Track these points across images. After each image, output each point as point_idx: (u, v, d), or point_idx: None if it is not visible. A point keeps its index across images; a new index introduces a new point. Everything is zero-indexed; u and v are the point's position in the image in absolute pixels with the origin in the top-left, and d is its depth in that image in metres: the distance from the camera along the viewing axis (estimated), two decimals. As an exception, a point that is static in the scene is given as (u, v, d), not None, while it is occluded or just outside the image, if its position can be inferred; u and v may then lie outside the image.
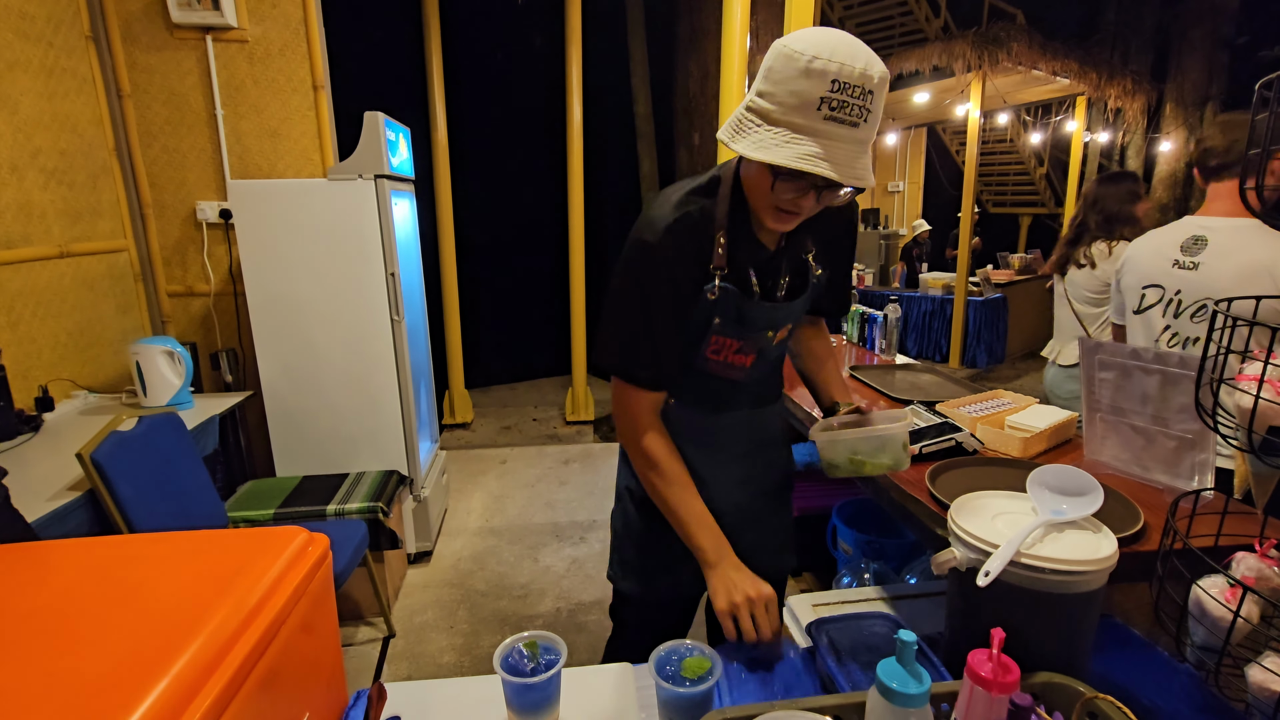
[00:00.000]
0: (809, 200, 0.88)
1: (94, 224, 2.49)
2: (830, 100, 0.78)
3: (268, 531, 0.78)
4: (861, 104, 0.80)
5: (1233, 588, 0.78)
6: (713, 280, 0.97)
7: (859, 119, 0.80)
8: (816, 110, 0.79)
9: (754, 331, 1.02)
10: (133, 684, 0.54)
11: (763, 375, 1.13)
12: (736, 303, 0.99)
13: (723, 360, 1.04)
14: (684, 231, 0.95)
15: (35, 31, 2.24)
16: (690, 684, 0.76)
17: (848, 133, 0.80)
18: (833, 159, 0.80)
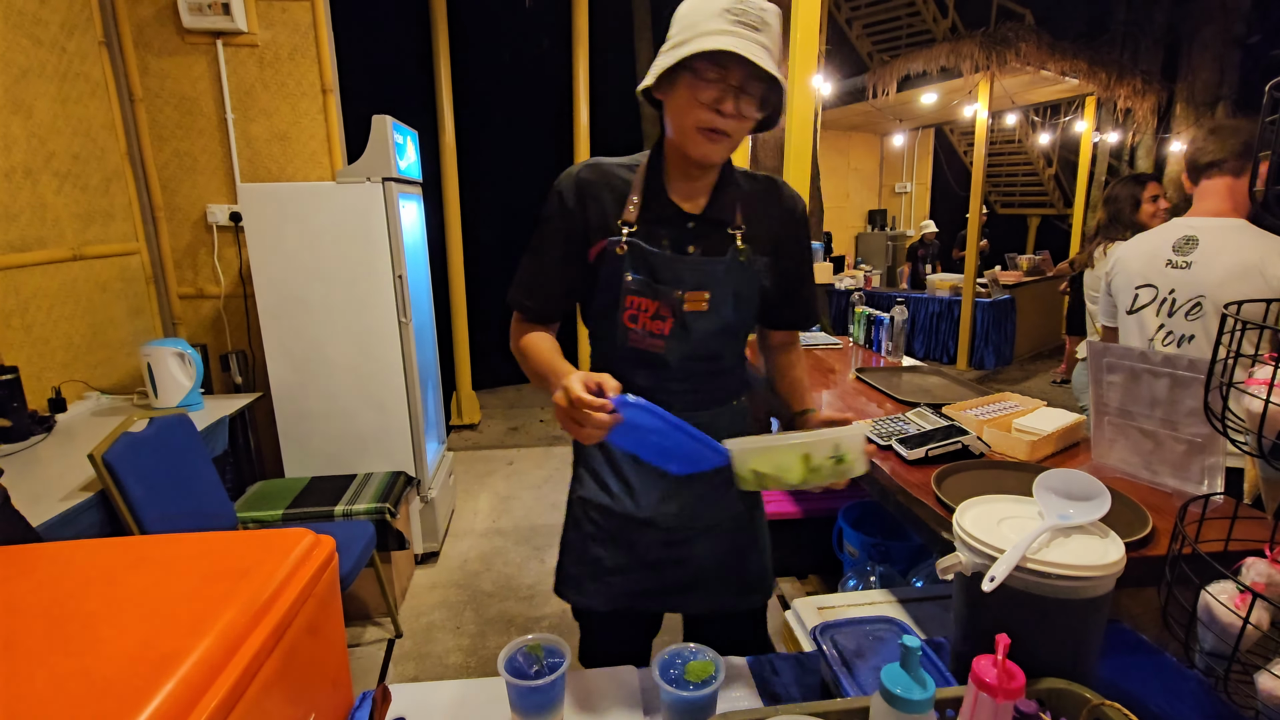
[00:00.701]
0: (729, 104, 0.89)
1: (106, 227, 2.52)
2: (731, 8, 0.87)
3: (274, 533, 0.79)
4: (760, 14, 0.88)
5: (1242, 594, 0.77)
6: (620, 235, 0.99)
7: (761, 27, 0.88)
8: (721, 16, 0.87)
9: (664, 287, 0.99)
10: (141, 684, 0.54)
11: (690, 359, 1.04)
12: (645, 256, 0.99)
13: (640, 329, 1.01)
14: (588, 183, 1.02)
15: (49, 37, 2.27)
16: (694, 688, 0.76)
17: (753, 35, 0.87)
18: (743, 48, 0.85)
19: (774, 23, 0.90)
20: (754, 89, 0.90)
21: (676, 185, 1.02)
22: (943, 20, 7.46)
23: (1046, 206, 10.17)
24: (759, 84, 0.90)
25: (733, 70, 0.88)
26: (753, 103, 0.92)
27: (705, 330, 1.02)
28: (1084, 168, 7.18)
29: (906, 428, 1.49)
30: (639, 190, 1.01)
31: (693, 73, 0.89)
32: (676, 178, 1.02)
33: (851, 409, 1.77)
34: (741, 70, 0.88)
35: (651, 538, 1.09)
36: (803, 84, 3.15)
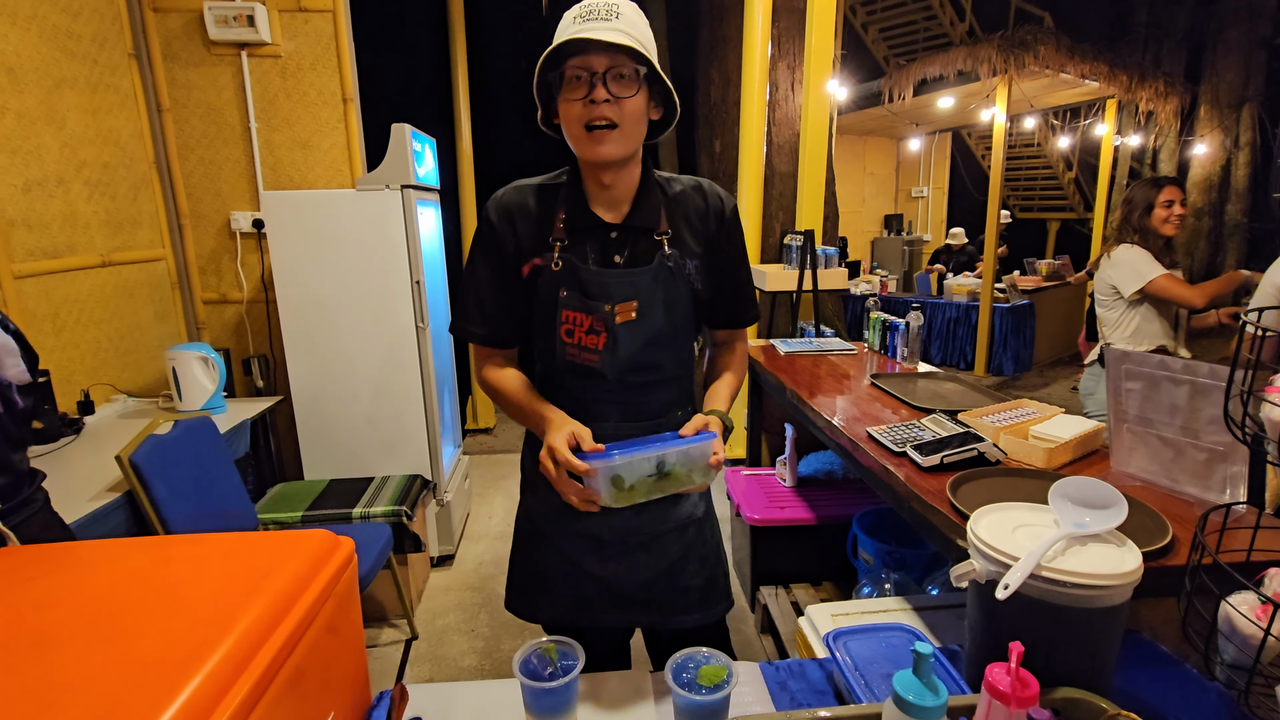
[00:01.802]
0: (599, 91, 0.91)
1: (134, 234, 2.58)
2: (580, 14, 0.93)
3: (296, 534, 0.81)
4: (608, 7, 0.92)
5: (1264, 605, 0.76)
6: (552, 252, 1.01)
7: (610, 16, 0.92)
8: (572, 24, 0.92)
9: (594, 301, 1.00)
10: (167, 681, 0.56)
11: (627, 372, 1.03)
12: (575, 271, 1.01)
13: (577, 343, 1.02)
14: (511, 203, 1.04)
15: (82, 50, 2.34)
16: (706, 691, 0.76)
17: (603, 24, 0.91)
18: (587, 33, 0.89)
19: (628, 13, 0.93)
20: (623, 71, 0.92)
21: (596, 197, 1.04)
22: (960, 24, 7.41)
23: (1067, 211, 10.03)
24: (627, 62, 0.92)
25: (593, 60, 0.91)
26: (625, 84, 0.93)
27: (637, 340, 1.02)
28: (1105, 171, 7.08)
29: (922, 434, 1.48)
30: (563, 206, 1.03)
31: (560, 78, 0.93)
32: (595, 190, 1.03)
33: (866, 415, 1.76)
34: (603, 58, 0.91)
35: (586, 547, 1.09)
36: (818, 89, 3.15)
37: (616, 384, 1.04)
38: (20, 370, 1.12)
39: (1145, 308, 2.34)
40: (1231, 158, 7.74)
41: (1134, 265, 2.30)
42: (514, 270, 1.04)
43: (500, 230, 1.04)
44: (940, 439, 1.41)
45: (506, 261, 1.04)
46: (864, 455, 1.51)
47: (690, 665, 0.81)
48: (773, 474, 2.50)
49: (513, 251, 1.04)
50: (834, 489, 2.35)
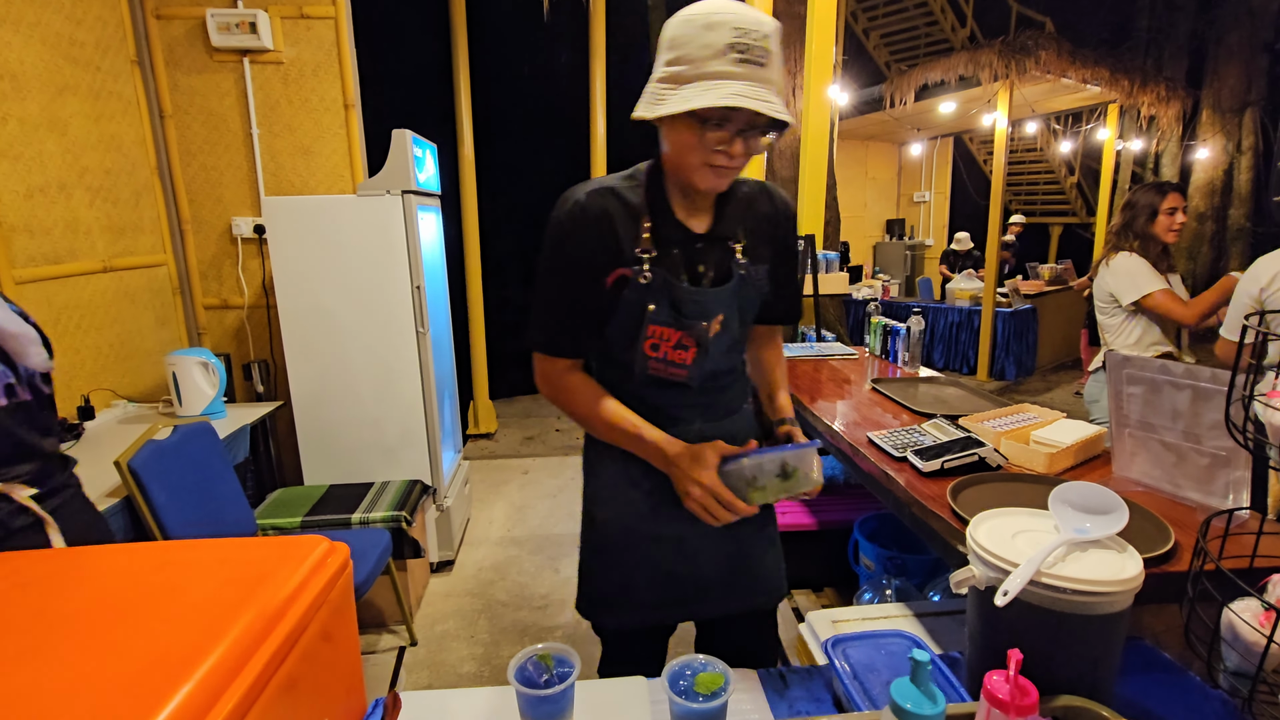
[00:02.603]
0: (738, 146, 0.89)
1: (135, 239, 2.59)
2: (737, 45, 0.84)
3: (290, 540, 0.80)
4: (763, 46, 0.85)
5: (1267, 611, 0.75)
6: (641, 264, 0.97)
7: (763, 60, 0.85)
8: (726, 56, 0.84)
9: (689, 319, 0.99)
10: (159, 687, 0.55)
11: (709, 379, 1.06)
12: (668, 288, 0.98)
13: (662, 357, 1.01)
14: (595, 208, 0.98)
15: (85, 57, 2.35)
16: (703, 699, 0.76)
17: (759, 72, 0.85)
18: (754, 96, 0.84)
19: (775, 49, 0.87)
20: (761, 125, 0.90)
21: (680, 203, 1.01)
22: (961, 29, 7.43)
23: (1069, 215, 10.02)
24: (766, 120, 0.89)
25: (741, 113, 0.86)
26: (758, 137, 0.91)
27: (720, 349, 1.05)
28: (1107, 176, 7.08)
29: (922, 439, 1.47)
30: (647, 213, 0.99)
31: (700, 120, 0.87)
32: (678, 196, 1.01)
33: (867, 420, 1.75)
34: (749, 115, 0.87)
35: (669, 548, 1.09)
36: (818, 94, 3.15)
37: (699, 391, 1.06)
38: (43, 359, 1.13)
39: (1146, 316, 2.33)
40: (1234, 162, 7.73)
41: (1132, 276, 2.28)
42: (596, 280, 0.99)
43: (582, 237, 0.98)
44: (941, 444, 1.41)
45: (585, 271, 0.99)
46: (865, 460, 1.50)
47: (687, 672, 0.80)
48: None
49: (593, 261, 0.99)
50: (835, 494, 2.34)
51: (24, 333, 1.09)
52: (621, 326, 1.01)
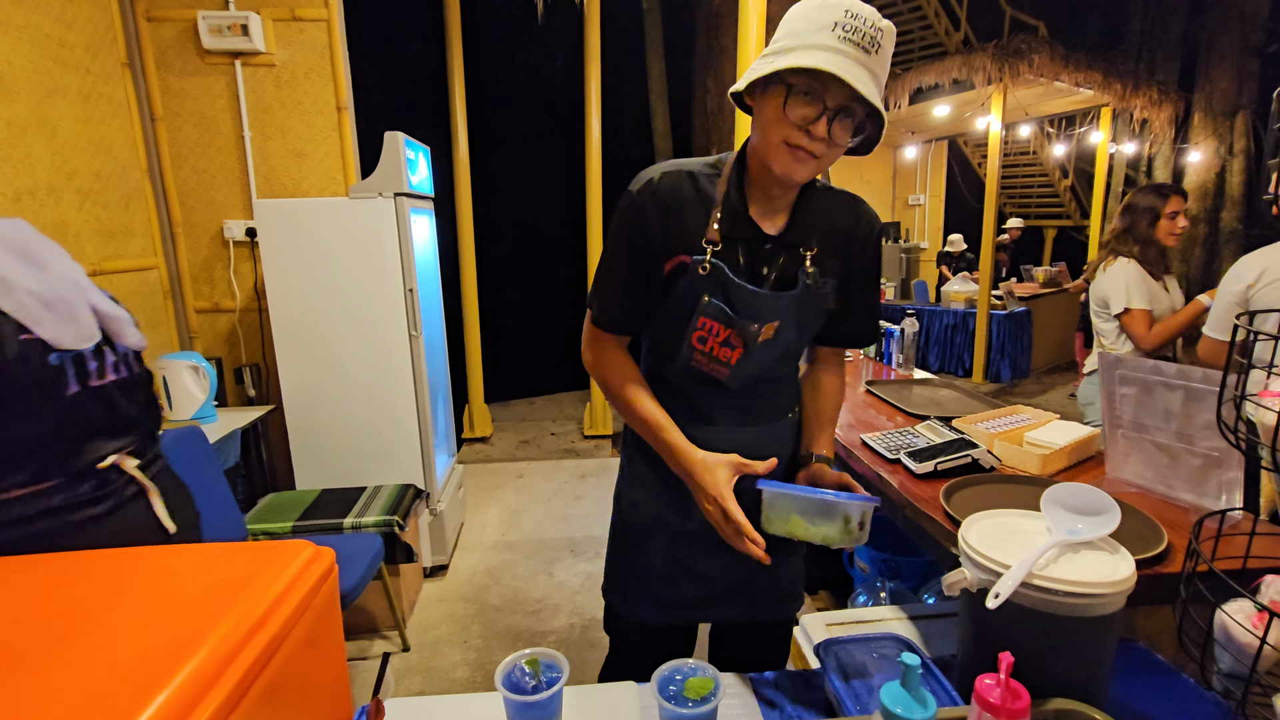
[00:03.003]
0: (821, 127, 0.84)
1: (126, 243, 2.57)
2: (844, 24, 0.81)
3: (275, 545, 0.79)
4: (873, 35, 0.82)
5: (1260, 612, 0.75)
6: (704, 253, 0.95)
7: (871, 48, 0.82)
8: (831, 31, 0.81)
9: (741, 319, 0.96)
10: (135, 694, 0.54)
11: (750, 384, 1.04)
12: (724, 283, 0.95)
13: (708, 351, 0.98)
14: (667, 190, 0.96)
15: (74, 59, 2.34)
16: (693, 705, 0.75)
17: (861, 56, 0.82)
18: (846, 70, 0.80)
19: (887, 45, 0.84)
20: (852, 113, 0.85)
21: (757, 200, 0.97)
22: (955, 33, 7.46)
23: (1063, 218, 10.06)
24: (859, 109, 0.85)
25: (832, 91, 0.83)
26: (847, 128, 0.86)
27: (769, 356, 1.02)
28: (1100, 179, 7.11)
29: (916, 441, 1.47)
30: (720, 204, 0.96)
31: (788, 86, 0.84)
32: (757, 193, 0.97)
33: (861, 422, 1.75)
34: (841, 92, 0.82)
35: (693, 544, 1.08)
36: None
37: (739, 392, 1.04)
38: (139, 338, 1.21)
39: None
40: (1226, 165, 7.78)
41: (1124, 286, 2.25)
42: (656, 262, 0.98)
43: (650, 218, 0.96)
44: (934, 446, 1.40)
45: (649, 251, 0.98)
46: (858, 462, 1.50)
47: (677, 677, 0.79)
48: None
49: (659, 243, 0.97)
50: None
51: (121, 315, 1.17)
52: (672, 313, 0.99)
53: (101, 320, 1.14)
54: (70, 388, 1.05)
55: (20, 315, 0.98)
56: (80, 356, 1.07)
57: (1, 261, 1.00)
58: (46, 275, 1.06)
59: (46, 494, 1.03)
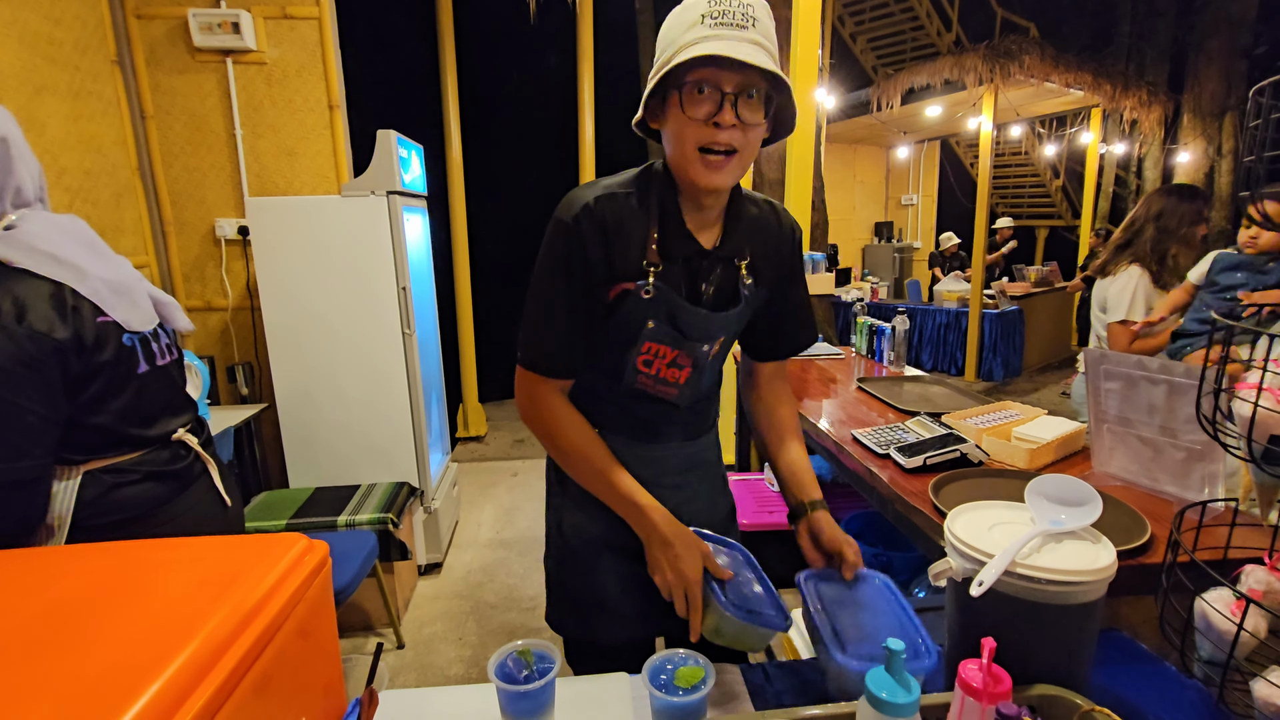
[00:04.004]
0: (727, 114, 0.80)
1: (116, 241, 2.56)
2: (710, 13, 0.79)
3: (267, 538, 0.80)
4: (743, 11, 0.79)
5: (1238, 601, 0.76)
6: (645, 277, 0.90)
7: (746, 23, 0.79)
8: (701, 24, 0.79)
9: (690, 341, 0.94)
10: (126, 686, 0.55)
11: (696, 400, 1.03)
12: (670, 306, 0.92)
13: (654, 374, 0.96)
14: (605, 214, 0.89)
15: (63, 57, 2.32)
16: (684, 693, 0.76)
17: (737, 33, 0.79)
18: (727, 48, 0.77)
19: (762, 16, 0.81)
20: (754, 91, 0.81)
21: (690, 214, 0.93)
22: (946, 34, 7.51)
23: (1054, 218, 10.14)
24: (758, 83, 0.81)
25: (724, 76, 0.80)
26: (754, 107, 0.82)
27: (715, 370, 1.03)
28: (1090, 179, 7.17)
29: (906, 436, 1.48)
30: (655, 223, 0.91)
31: (679, 89, 0.81)
32: (688, 207, 0.93)
33: (852, 419, 1.76)
34: (735, 75, 0.79)
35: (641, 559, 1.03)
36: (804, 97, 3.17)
37: (686, 410, 1.02)
38: (187, 321, 1.30)
39: None
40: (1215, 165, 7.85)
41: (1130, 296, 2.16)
42: (599, 292, 0.92)
43: (590, 245, 0.89)
44: (924, 441, 1.42)
45: (593, 283, 0.91)
46: (849, 458, 1.51)
47: (668, 666, 0.80)
48: (761, 479, 2.50)
49: (602, 271, 0.91)
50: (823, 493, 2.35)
51: (170, 300, 1.26)
52: (614, 336, 0.95)
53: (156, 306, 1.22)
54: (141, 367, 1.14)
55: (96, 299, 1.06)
56: (145, 338, 1.16)
57: (74, 251, 1.06)
58: (110, 264, 1.14)
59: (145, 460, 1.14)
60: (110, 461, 1.11)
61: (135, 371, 1.14)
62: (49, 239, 1.05)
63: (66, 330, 1.01)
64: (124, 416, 1.11)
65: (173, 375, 1.25)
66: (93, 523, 1.08)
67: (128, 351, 1.12)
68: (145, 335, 1.17)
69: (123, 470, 1.12)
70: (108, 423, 1.09)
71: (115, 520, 1.11)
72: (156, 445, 1.18)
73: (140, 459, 1.14)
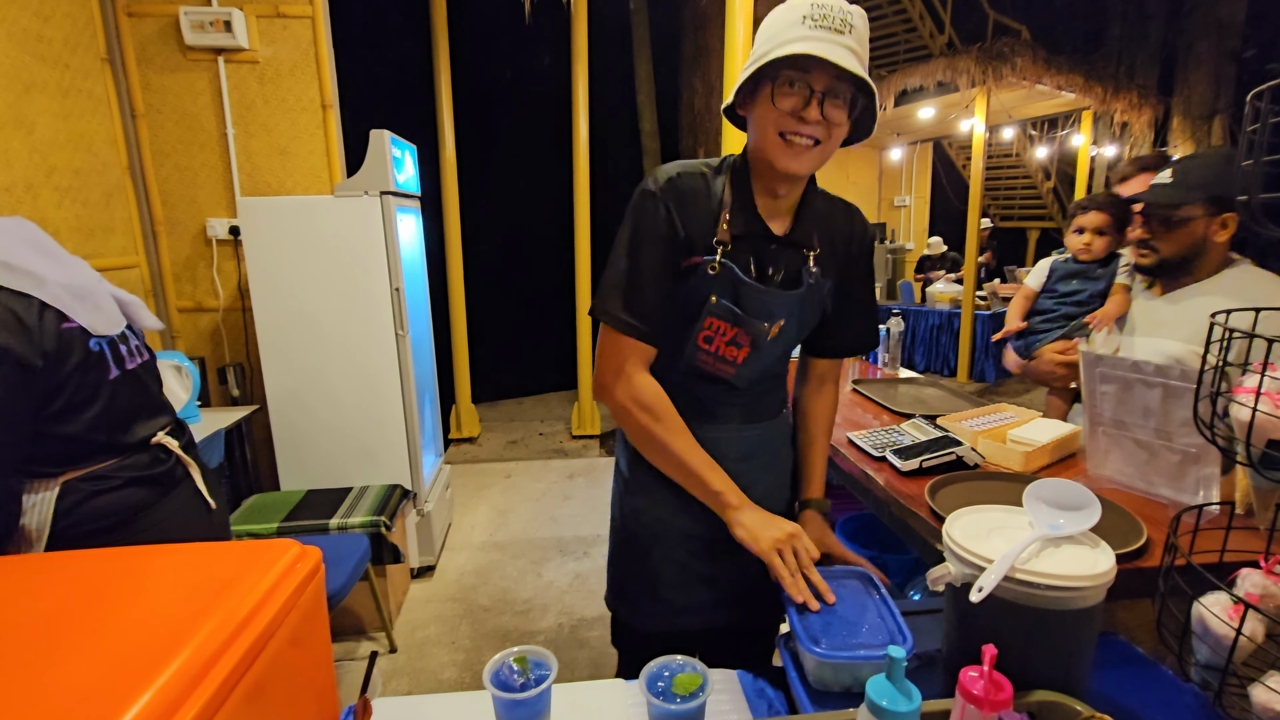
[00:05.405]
0: (813, 110, 0.87)
1: (107, 241, 2.53)
2: (811, 15, 0.85)
3: (260, 544, 0.79)
4: (842, 18, 0.86)
5: (1235, 605, 0.76)
6: (714, 254, 0.95)
7: (844, 29, 0.86)
8: (801, 24, 0.85)
9: (751, 318, 0.98)
10: (117, 696, 0.54)
11: (755, 382, 1.06)
12: (734, 283, 0.96)
13: (714, 351, 0.99)
14: (686, 188, 0.97)
15: (53, 55, 2.30)
16: (681, 700, 0.75)
17: (835, 37, 0.85)
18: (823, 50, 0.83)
19: (859, 25, 0.88)
20: (840, 93, 0.88)
21: (763, 200, 0.99)
22: (939, 36, 7.54)
23: (1046, 220, 10.20)
24: (846, 87, 0.88)
25: (815, 75, 0.86)
26: (839, 107, 0.89)
27: (774, 354, 1.04)
28: (1081, 181, 7.21)
29: (901, 439, 1.48)
30: (729, 205, 0.97)
31: (773, 81, 0.88)
32: (762, 193, 0.99)
33: (848, 421, 1.76)
34: (825, 74, 0.86)
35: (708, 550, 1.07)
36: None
37: (744, 391, 1.04)
38: (154, 319, 1.28)
39: None
40: (1204, 168, 7.91)
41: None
42: (679, 261, 0.97)
43: (674, 215, 0.96)
44: (920, 443, 1.42)
45: (674, 250, 0.96)
46: (845, 461, 1.51)
47: (665, 673, 0.79)
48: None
49: (681, 241, 0.96)
50: (817, 495, 2.35)
51: (134, 300, 1.24)
52: (679, 313, 0.99)
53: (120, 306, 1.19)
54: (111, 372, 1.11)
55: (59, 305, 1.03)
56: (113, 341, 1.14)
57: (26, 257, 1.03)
58: (68, 267, 1.11)
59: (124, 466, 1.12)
60: (88, 470, 1.08)
61: (106, 378, 1.10)
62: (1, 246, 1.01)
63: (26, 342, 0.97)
64: (97, 424, 1.09)
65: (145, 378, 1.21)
66: (73, 531, 1.06)
67: (96, 358, 1.09)
68: (113, 338, 1.14)
69: (102, 477, 1.09)
70: (81, 432, 1.06)
71: (96, 528, 1.08)
72: (135, 450, 1.15)
73: (119, 465, 1.12)
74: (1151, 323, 1.52)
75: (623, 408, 1.00)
